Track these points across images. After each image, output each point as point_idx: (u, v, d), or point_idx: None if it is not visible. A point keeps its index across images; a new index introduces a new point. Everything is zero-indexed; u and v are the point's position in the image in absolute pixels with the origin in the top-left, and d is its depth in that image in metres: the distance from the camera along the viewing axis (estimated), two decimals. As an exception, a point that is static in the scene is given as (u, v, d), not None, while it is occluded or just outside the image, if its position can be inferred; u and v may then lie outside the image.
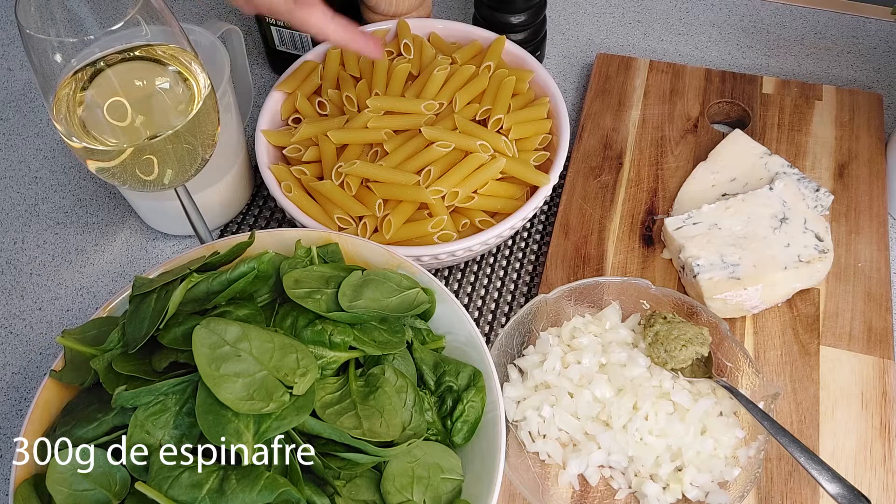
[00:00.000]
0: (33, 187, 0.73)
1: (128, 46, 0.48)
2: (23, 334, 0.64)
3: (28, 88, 0.82)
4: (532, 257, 0.67)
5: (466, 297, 0.64)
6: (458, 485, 0.46)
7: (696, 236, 0.61)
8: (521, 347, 0.58)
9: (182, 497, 0.39)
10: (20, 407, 0.61)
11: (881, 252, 0.63)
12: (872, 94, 0.73)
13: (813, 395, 0.56)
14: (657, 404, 0.53)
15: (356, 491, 0.43)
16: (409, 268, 0.51)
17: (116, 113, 0.48)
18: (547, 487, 0.53)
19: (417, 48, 0.69)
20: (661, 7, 0.86)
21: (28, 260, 0.69)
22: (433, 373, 0.49)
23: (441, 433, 0.48)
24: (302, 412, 0.41)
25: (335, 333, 0.46)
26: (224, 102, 0.60)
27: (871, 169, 0.68)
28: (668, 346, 0.54)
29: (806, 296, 0.61)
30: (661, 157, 0.70)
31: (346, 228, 0.61)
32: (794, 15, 0.84)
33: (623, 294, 0.59)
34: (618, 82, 0.75)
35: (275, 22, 0.74)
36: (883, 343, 0.59)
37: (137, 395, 0.41)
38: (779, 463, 0.54)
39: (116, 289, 0.66)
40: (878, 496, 0.52)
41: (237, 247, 0.49)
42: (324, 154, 0.63)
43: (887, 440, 0.54)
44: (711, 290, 0.58)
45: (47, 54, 0.45)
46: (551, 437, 0.54)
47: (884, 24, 0.83)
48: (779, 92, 0.73)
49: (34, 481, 0.44)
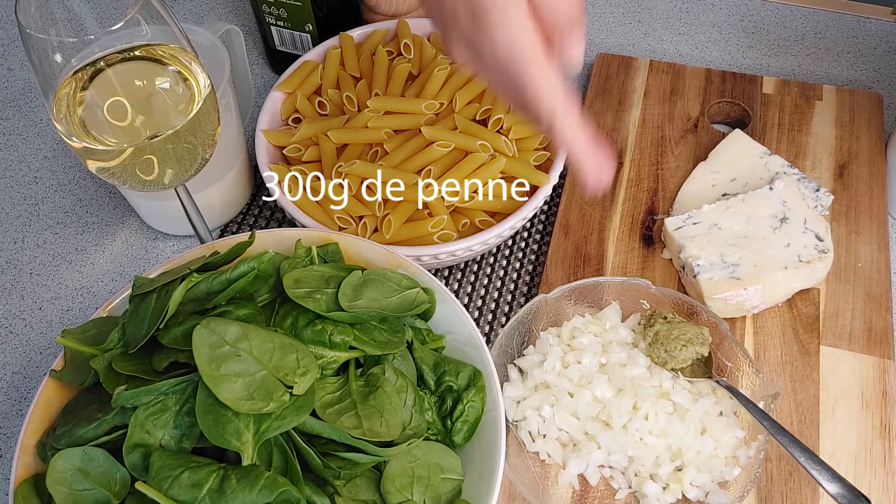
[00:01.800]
0: (33, 187, 0.73)
1: (128, 46, 0.48)
2: (23, 334, 0.64)
3: (28, 88, 0.82)
4: (532, 257, 0.67)
5: (466, 297, 0.64)
6: (458, 485, 0.46)
7: (697, 236, 0.61)
8: (521, 347, 0.58)
9: (182, 497, 0.39)
10: (20, 407, 0.61)
11: (881, 252, 0.63)
12: (873, 94, 0.73)
13: (813, 395, 0.56)
14: (657, 404, 0.53)
15: (356, 491, 0.43)
16: (409, 268, 0.51)
17: (116, 113, 0.48)
18: (547, 487, 0.53)
19: (417, 48, 0.69)
20: (662, 7, 0.86)
21: (28, 260, 0.69)
22: (433, 373, 0.49)
23: (441, 433, 0.48)
24: (302, 412, 0.41)
25: (335, 333, 0.46)
26: (224, 102, 0.60)
27: (872, 169, 0.68)
28: (668, 346, 0.54)
29: (806, 296, 0.61)
30: (661, 156, 0.70)
31: (346, 228, 0.61)
32: (795, 15, 0.84)
33: (623, 294, 0.59)
34: (618, 82, 0.75)
35: (275, 22, 0.74)
36: (883, 343, 0.59)
37: (137, 395, 0.41)
38: (779, 463, 0.54)
39: (116, 289, 0.67)
40: (878, 496, 0.52)
41: (237, 247, 0.49)
42: (324, 154, 0.63)
43: (887, 440, 0.54)
44: (711, 290, 0.58)
45: (47, 54, 0.45)
46: (551, 437, 0.54)
47: (884, 24, 0.83)
48: (779, 92, 0.73)
49: (34, 481, 0.44)
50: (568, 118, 0.40)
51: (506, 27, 0.38)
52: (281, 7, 0.73)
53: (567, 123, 0.40)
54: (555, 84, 0.39)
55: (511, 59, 0.38)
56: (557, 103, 0.39)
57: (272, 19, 0.74)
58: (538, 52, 0.39)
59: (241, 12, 0.88)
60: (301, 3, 0.71)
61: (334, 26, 0.73)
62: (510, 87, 0.40)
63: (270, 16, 0.74)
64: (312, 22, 0.73)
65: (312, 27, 0.74)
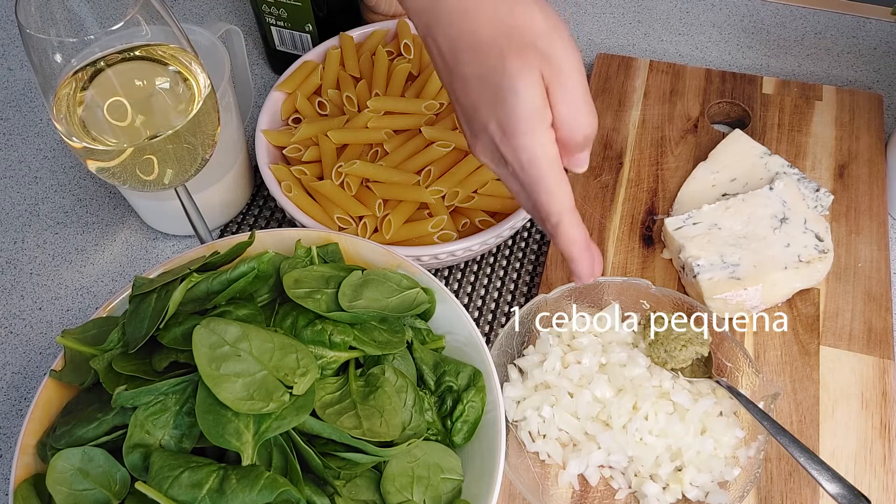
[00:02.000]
0: (33, 187, 0.73)
1: (128, 46, 0.48)
2: (23, 334, 0.64)
3: (28, 88, 0.82)
4: (532, 257, 0.67)
5: (466, 297, 0.65)
6: (458, 485, 0.46)
7: (696, 236, 0.61)
8: (521, 347, 0.58)
9: (182, 497, 0.39)
10: (20, 407, 0.61)
11: (881, 252, 0.63)
12: (872, 95, 0.73)
13: (813, 395, 0.56)
14: (657, 404, 0.53)
15: (356, 491, 0.43)
16: (409, 268, 0.52)
17: (116, 113, 0.48)
18: (547, 487, 0.53)
19: (417, 48, 0.69)
20: (661, 7, 0.86)
21: (28, 260, 0.69)
22: (433, 373, 0.49)
23: (441, 433, 0.48)
24: (302, 412, 0.41)
25: (335, 333, 0.46)
26: (224, 102, 0.60)
27: (871, 169, 0.68)
28: (668, 346, 0.54)
29: (806, 296, 0.61)
30: (661, 157, 0.70)
31: (346, 228, 0.61)
32: (795, 15, 0.84)
33: (623, 294, 0.59)
34: (618, 82, 0.75)
35: (275, 22, 0.74)
36: (883, 343, 0.59)
37: (137, 395, 0.41)
38: (779, 463, 0.54)
39: (116, 289, 0.67)
40: (878, 496, 0.52)
41: (237, 247, 0.49)
42: (324, 154, 0.63)
43: (887, 440, 0.54)
44: (711, 290, 0.58)
45: (47, 54, 0.45)
46: (551, 437, 0.54)
47: (884, 25, 0.83)
48: (779, 92, 0.73)
49: (34, 481, 0.44)
50: (572, 225, 0.46)
51: (532, 140, 0.44)
52: (281, 7, 0.73)
53: (571, 229, 0.46)
54: (566, 192, 0.45)
55: (531, 167, 0.44)
56: (566, 211, 0.46)
57: (272, 19, 0.74)
58: (556, 162, 0.45)
59: (241, 12, 0.88)
60: (301, 3, 0.71)
61: (334, 26, 0.73)
62: (525, 188, 0.46)
63: (270, 16, 0.74)
64: (312, 22, 0.73)
65: (312, 27, 0.74)
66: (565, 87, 0.44)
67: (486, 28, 0.43)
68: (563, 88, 0.44)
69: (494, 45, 0.43)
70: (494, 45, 0.43)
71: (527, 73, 0.43)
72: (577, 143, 0.45)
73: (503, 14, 0.43)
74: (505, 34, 0.43)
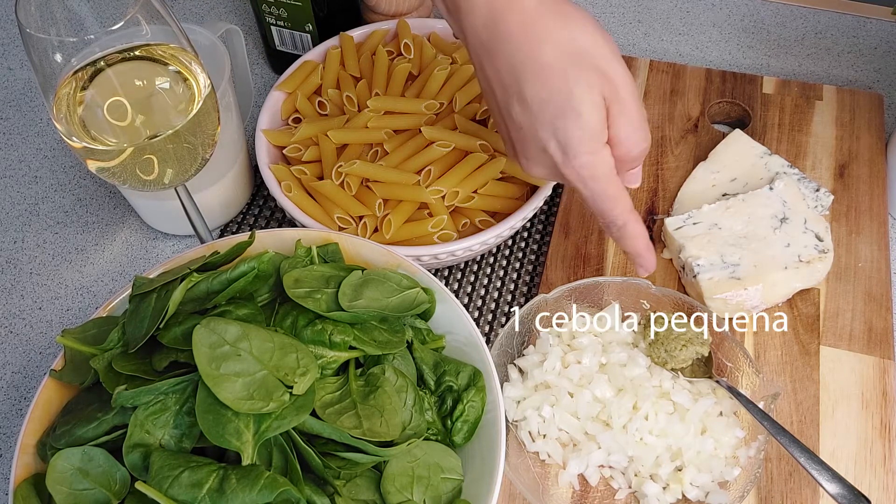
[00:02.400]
0: (33, 187, 0.73)
1: (128, 46, 0.48)
2: (23, 334, 0.64)
3: (28, 88, 0.82)
4: (532, 257, 0.67)
5: (466, 297, 0.64)
6: (458, 485, 0.46)
7: (697, 236, 0.61)
8: (521, 347, 0.58)
9: (182, 497, 0.39)
10: (20, 406, 0.61)
11: (881, 252, 0.63)
12: (873, 94, 0.73)
13: (813, 395, 0.56)
14: (657, 404, 0.53)
15: (356, 491, 0.43)
16: (409, 268, 0.51)
17: (116, 112, 0.48)
18: (547, 487, 0.53)
19: (417, 48, 0.69)
20: (662, 7, 0.86)
21: (28, 259, 0.69)
22: (433, 373, 0.49)
23: (441, 433, 0.48)
24: (302, 412, 0.41)
25: (335, 333, 0.46)
26: (224, 102, 0.60)
27: (872, 169, 0.68)
28: (668, 346, 0.54)
29: (806, 296, 0.61)
30: (661, 156, 0.70)
31: (346, 228, 0.61)
32: (795, 15, 0.84)
33: (623, 294, 0.59)
34: (618, 82, 0.75)
35: (275, 22, 0.74)
36: (883, 343, 0.59)
37: (137, 395, 0.41)
38: (779, 463, 0.54)
39: (116, 288, 0.67)
40: (878, 496, 0.52)
41: (237, 246, 0.49)
42: (324, 154, 0.63)
43: (887, 440, 0.54)
44: (711, 290, 0.58)
45: (47, 54, 0.45)
46: (551, 437, 0.54)
47: (884, 24, 0.83)
48: (779, 92, 0.73)
49: (34, 481, 0.44)
50: (637, 226, 0.50)
51: (593, 159, 0.47)
52: (281, 7, 0.73)
53: (636, 230, 0.51)
54: (627, 198, 0.49)
55: (594, 182, 0.48)
56: (630, 215, 0.50)
57: (272, 19, 0.74)
58: (614, 173, 0.48)
59: (241, 12, 0.88)
60: (301, 3, 0.71)
61: (334, 26, 0.73)
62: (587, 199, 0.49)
63: (270, 16, 0.74)
64: (312, 22, 0.73)
65: (312, 27, 0.74)
66: (624, 109, 0.46)
67: (550, 51, 0.45)
68: (622, 110, 0.46)
69: (558, 68, 0.44)
70: (558, 67, 0.44)
71: (590, 96, 0.45)
72: (632, 159, 0.48)
73: (566, 38, 0.45)
74: (569, 57, 0.45)
